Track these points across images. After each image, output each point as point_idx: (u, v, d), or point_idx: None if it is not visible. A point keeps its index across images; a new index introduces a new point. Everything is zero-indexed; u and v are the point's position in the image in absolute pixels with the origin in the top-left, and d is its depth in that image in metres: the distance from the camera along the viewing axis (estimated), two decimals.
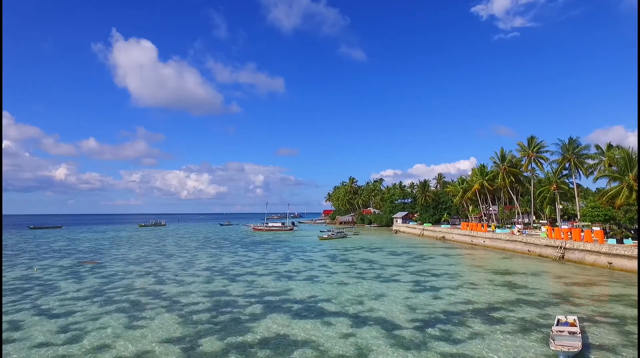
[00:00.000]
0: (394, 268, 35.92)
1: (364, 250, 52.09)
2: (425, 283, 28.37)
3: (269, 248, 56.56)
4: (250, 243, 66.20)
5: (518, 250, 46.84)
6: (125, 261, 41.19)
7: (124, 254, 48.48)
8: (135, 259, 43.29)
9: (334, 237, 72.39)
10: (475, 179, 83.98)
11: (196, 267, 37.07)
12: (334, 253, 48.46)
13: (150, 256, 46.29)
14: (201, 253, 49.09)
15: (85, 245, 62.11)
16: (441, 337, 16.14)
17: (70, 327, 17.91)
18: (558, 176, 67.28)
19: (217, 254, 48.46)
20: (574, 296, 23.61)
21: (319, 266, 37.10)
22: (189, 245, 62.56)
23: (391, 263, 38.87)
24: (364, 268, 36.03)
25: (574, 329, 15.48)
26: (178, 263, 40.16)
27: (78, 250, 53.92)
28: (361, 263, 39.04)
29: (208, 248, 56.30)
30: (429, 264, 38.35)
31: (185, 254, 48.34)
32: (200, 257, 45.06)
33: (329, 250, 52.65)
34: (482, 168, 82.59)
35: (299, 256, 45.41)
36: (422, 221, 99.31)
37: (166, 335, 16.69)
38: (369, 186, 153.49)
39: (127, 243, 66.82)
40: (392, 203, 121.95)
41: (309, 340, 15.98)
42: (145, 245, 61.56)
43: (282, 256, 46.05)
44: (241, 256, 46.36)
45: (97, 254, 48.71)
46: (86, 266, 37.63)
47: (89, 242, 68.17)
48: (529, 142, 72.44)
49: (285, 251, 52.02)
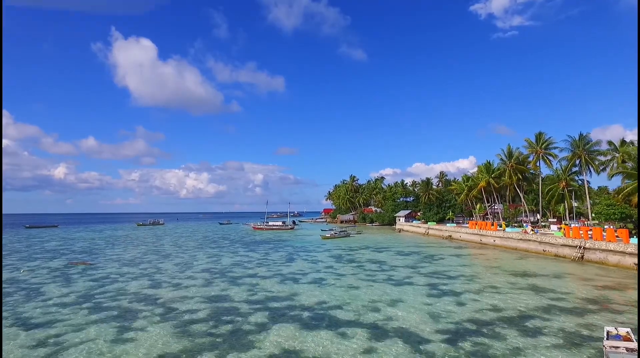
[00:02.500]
0: (405, 269, 33.78)
1: (369, 250, 49.93)
2: (442, 286, 26.21)
3: (270, 247, 54.36)
4: (250, 242, 63.98)
5: (532, 250, 44.72)
6: (119, 262, 38.96)
7: (118, 254, 46.23)
8: (130, 260, 41.06)
9: (336, 236, 70.20)
10: (481, 176, 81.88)
11: (194, 269, 34.86)
12: (339, 253, 46.29)
13: (146, 256, 44.07)
14: (200, 254, 46.86)
15: (79, 245, 59.81)
16: (477, 353, 13.97)
17: (50, 341, 15.69)
18: (568, 173, 65.29)
19: (217, 254, 46.24)
20: (611, 302, 21.43)
21: (325, 268, 34.93)
22: (187, 244, 60.31)
23: (401, 264, 36.73)
24: (373, 269, 33.87)
25: (630, 345, 13.29)
26: (175, 264, 37.94)
27: (71, 250, 51.63)
28: (369, 264, 36.89)
29: (207, 248, 54.08)
30: (441, 265, 36.20)
31: (183, 254, 46.12)
32: (199, 258, 42.84)
33: (333, 250, 50.49)
34: (489, 165, 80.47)
35: (303, 257, 43.25)
36: (426, 219, 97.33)
37: (159, 350, 14.50)
38: (370, 184, 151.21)
39: (123, 242, 64.53)
40: (395, 202, 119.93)
41: (325, 357, 13.80)
42: (141, 245, 59.30)
43: (285, 256, 43.87)
44: (242, 256, 44.16)
45: (91, 254, 46.45)
46: (77, 268, 35.37)
47: (83, 242, 65.85)
48: (537, 138, 70.29)
49: (287, 251, 49.83)
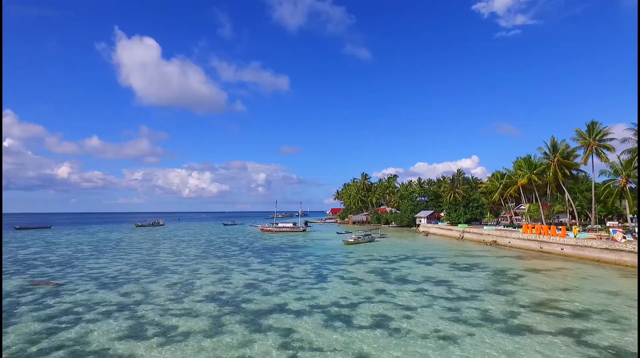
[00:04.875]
0: (489, 296, 24.13)
1: (413, 261, 40.32)
2: (583, 335, 16.60)
3: (288, 257, 44.85)
4: (262, 248, 54.51)
5: (625, 263, 35.00)
6: (95, 282, 29.53)
7: (100, 268, 36.88)
8: (112, 278, 31.67)
9: (361, 241, 60.66)
10: (521, 173, 72.31)
11: (195, 294, 25.40)
12: (378, 267, 36.70)
13: (135, 272, 34.70)
14: (203, 267, 37.40)
15: (60, 252, 50.53)
16: None
17: None
18: (631, 168, 55.54)
19: (224, 268, 36.78)
20: None
21: (375, 293, 25.33)
22: (187, 252, 50.87)
23: (476, 286, 27.05)
24: (444, 295, 24.27)
25: None
26: (170, 285, 28.46)
27: (47, 260, 42.38)
28: (431, 286, 27.30)
29: (211, 257, 44.65)
30: (534, 288, 26.46)
31: (181, 268, 36.72)
32: (202, 273, 33.40)
33: (366, 261, 40.90)
34: (530, 160, 70.77)
35: (335, 272, 33.74)
36: (451, 220, 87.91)
37: None
38: (382, 183, 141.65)
39: (114, 248, 55.22)
40: (413, 201, 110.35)
41: None
42: (134, 253, 49.97)
43: (311, 271, 34.37)
44: (257, 271, 34.67)
45: (67, 267, 37.15)
46: (36, 291, 26.04)
47: (67, 248, 56.59)
48: (589, 129, 60.37)
49: (311, 262, 40.32)
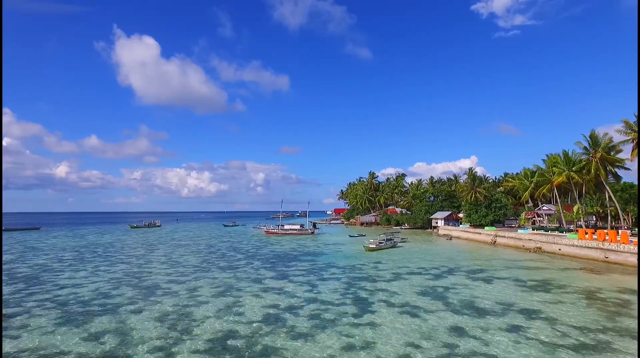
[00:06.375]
0: (618, 339, 16.71)
1: (461, 276, 32.72)
2: None
3: (306, 269, 37.27)
4: (272, 257, 46.88)
5: None
6: (58, 312, 21.79)
7: (75, 285, 29.24)
8: (84, 303, 24.01)
9: (383, 247, 53.21)
10: (557, 170, 65.07)
11: (193, 338, 17.72)
12: (427, 285, 29.10)
13: (117, 293, 27.05)
14: (203, 285, 29.72)
15: (35, 261, 42.86)
16: None
17: None
18: None
19: (231, 286, 29.12)
20: None
21: (452, 334, 17.74)
22: (185, 261, 43.20)
23: (584, 322, 19.44)
24: (557, 341, 16.73)
25: None
26: (159, 317, 20.81)
27: (12, 273, 34.72)
28: (519, 319, 19.72)
29: (213, 270, 37.05)
30: None
31: (176, 286, 29.09)
32: (202, 296, 25.78)
33: (405, 275, 33.35)
34: (567, 156, 63.48)
35: (376, 295, 26.02)
36: (472, 222, 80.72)
37: None
38: (390, 182, 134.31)
39: (100, 256, 47.53)
40: (428, 202, 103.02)
41: None
42: (122, 261, 42.36)
43: (344, 292, 26.68)
44: (274, 292, 26.99)
45: (33, 284, 29.48)
46: None
47: (47, 255, 48.87)
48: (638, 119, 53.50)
49: (337, 277, 32.68)
